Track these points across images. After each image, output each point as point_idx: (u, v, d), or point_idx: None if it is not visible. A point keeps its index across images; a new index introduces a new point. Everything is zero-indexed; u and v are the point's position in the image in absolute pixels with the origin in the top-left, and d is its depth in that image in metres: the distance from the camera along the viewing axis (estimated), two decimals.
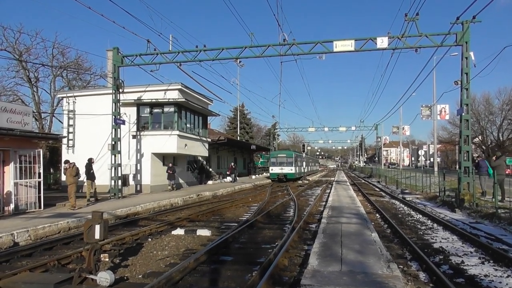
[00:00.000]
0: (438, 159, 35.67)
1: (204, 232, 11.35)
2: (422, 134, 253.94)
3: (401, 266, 7.67)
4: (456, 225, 12.79)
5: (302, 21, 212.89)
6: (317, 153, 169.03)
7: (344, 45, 18.32)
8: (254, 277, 6.73)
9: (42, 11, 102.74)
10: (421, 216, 15.47)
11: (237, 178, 41.57)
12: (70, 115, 26.57)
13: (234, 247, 9.72)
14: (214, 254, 8.76)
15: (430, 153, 74.50)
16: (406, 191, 27.83)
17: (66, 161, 17.49)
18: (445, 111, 33.57)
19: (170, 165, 26.33)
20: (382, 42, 17.88)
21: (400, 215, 15.80)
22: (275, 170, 41.95)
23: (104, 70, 37.90)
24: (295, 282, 6.68)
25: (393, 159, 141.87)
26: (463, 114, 17.05)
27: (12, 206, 14.66)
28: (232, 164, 41.98)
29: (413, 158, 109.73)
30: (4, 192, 14.29)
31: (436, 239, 10.74)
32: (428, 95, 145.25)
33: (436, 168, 35.91)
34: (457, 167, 32.30)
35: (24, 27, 72.02)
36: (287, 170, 41.39)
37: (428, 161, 71.01)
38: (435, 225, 13.23)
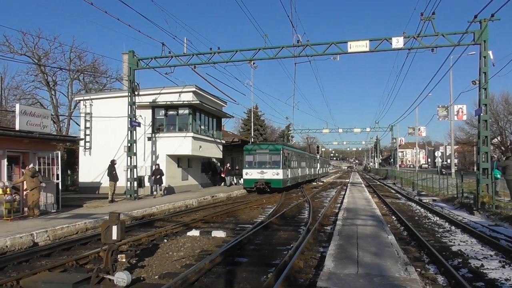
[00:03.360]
0: (456, 161, 35.08)
1: (219, 234, 11.39)
2: (438, 135, 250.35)
3: (419, 269, 7.56)
4: (475, 227, 12.55)
5: (316, 22, 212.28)
6: (331, 154, 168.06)
7: (358, 46, 18.18)
8: (270, 279, 6.71)
9: (60, 16, 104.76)
10: (438, 218, 15.23)
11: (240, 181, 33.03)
12: (87, 118, 26.98)
13: (249, 249, 9.72)
14: (229, 255, 8.78)
15: (447, 154, 73.42)
16: (423, 193, 27.43)
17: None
18: (462, 112, 32.96)
19: (157, 166, 23.09)
20: (398, 42, 17.69)
21: (416, 217, 15.58)
22: (251, 174, 26.92)
23: (120, 73, 38.37)
24: (311, 284, 6.64)
25: (409, 161, 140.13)
26: (481, 114, 16.74)
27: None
28: (228, 165, 33.83)
29: (429, 160, 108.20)
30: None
31: (454, 242, 10.56)
32: (444, 95, 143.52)
33: (453, 170, 35.32)
34: (475, 168, 31.75)
35: (43, 32, 73.48)
36: (271, 174, 26.37)
37: (445, 163, 69.92)
38: (453, 227, 13.00)
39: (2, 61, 53.76)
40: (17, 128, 14.54)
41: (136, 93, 21.59)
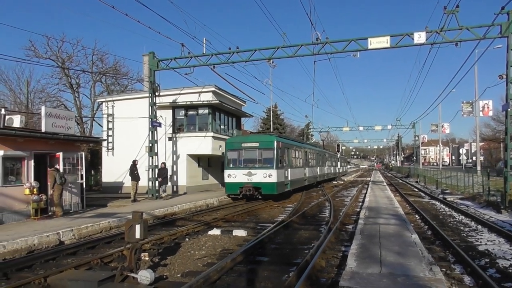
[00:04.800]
0: (481, 158, 34.16)
1: (240, 233, 11.43)
2: (463, 132, 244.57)
3: (444, 269, 7.40)
4: (503, 226, 12.20)
5: (335, 19, 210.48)
6: (352, 153, 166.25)
7: (379, 42, 17.91)
8: (291, 278, 6.69)
9: (83, 20, 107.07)
10: (463, 217, 14.88)
11: None
12: (109, 119, 27.50)
13: (270, 248, 9.71)
14: (250, 254, 8.79)
15: (472, 151, 71.62)
16: (447, 191, 26.86)
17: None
18: (488, 107, 32.10)
19: (163, 165, 21.82)
20: (420, 37, 17.32)
21: (441, 216, 15.26)
22: (235, 176, 20.30)
23: (140, 74, 39.00)
24: (333, 283, 6.59)
25: (432, 158, 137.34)
26: (508, 109, 16.24)
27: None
28: None
29: (453, 157, 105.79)
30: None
31: (481, 242, 10.29)
32: (469, 91, 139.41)
33: (479, 167, 34.43)
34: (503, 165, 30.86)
35: (66, 36, 75.27)
36: (261, 176, 19.70)
37: (470, 160, 68.21)
38: (479, 226, 12.67)
39: (28, 65, 55.32)
40: (43, 130, 14.93)
41: (156, 93, 21.85)
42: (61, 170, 15.17)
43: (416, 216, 15.30)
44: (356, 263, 6.85)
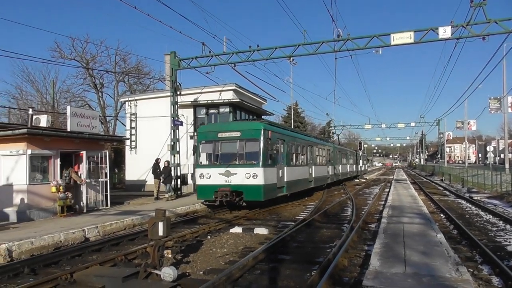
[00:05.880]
0: (510, 155, 33.10)
1: (261, 231, 11.41)
2: (490, 129, 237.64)
3: (471, 270, 7.21)
4: None
5: (357, 15, 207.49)
6: (374, 150, 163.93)
7: (402, 38, 17.56)
8: (314, 277, 6.65)
9: (106, 21, 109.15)
10: (491, 216, 14.45)
11: None
12: (132, 118, 27.97)
13: (292, 246, 9.68)
14: (272, 252, 8.77)
15: (500, 148, 69.55)
16: (473, 190, 26.17)
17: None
18: None
19: (166, 164, 20.10)
20: (445, 32, 16.89)
21: (467, 216, 14.88)
22: (209, 176, 15.60)
23: (162, 74, 39.50)
24: (357, 283, 6.50)
25: (457, 156, 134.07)
26: None
27: (82, 204, 15.66)
28: None
29: (480, 155, 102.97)
30: (77, 191, 15.34)
31: (510, 241, 9.99)
32: (497, 87, 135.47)
33: (507, 165, 33.40)
34: None
35: (90, 37, 77.11)
36: (243, 176, 15.00)
37: (498, 158, 66.25)
38: (508, 226, 12.29)
39: (54, 66, 56.80)
40: (68, 129, 15.30)
41: (178, 93, 22.06)
42: (85, 168, 15.54)
43: (441, 215, 14.96)
44: (380, 262, 6.74)
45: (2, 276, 7.36)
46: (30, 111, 16.37)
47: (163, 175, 19.99)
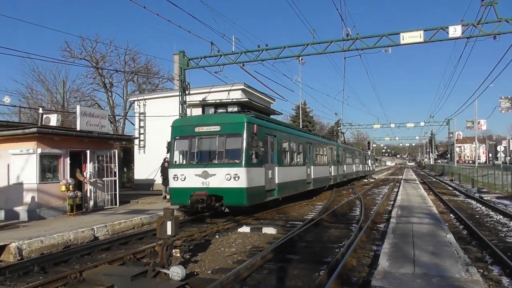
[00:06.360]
0: None
1: (269, 230, 11.40)
2: (501, 129, 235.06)
3: (481, 270, 7.13)
4: None
5: (366, 14, 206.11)
6: (383, 150, 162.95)
7: (412, 37, 17.40)
8: (322, 277, 6.62)
9: (115, 21, 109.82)
10: (502, 216, 14.28)
11: None
12: (141, 117, 28.13)
13: (300, 246, 9.65)
14: (280, 252, 8.76)
15: (511, 148, 68.73)
16: (483, 190, 25.89)
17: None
18: None
19: (167, 165, 17.03)
20: (455, 31, 16.71)
21: (477, 216, 14.72)
22: (183, 178, 13.57)
23: (171, 73, 39.63)
24: (365, 283, 6.47)
25: (467, 156, 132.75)
26: None
27: (91, 203, 15.81)
28: None
29: (490, 155, 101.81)
30: (85, 190, 15.47)
31: None
32: (508, 86, 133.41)
33: None
34: None
35: (100, 37, 77.52)
36: (223, 178, 12.92)
37: (508, 157, 65.47)
38: None
39: (64, 66, 57.34)
40: (78, 128, 15.45)
41: (186, 92, 22.11)
42: (88, 167, 15.67)
43: (451, 215, 14.82)
44: (389, 262, 6.69)
45: (12, 275, 7.45)
46: (40, 110, 16.54)
47: (162, 175, 18.93)
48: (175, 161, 14.26)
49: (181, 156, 14.39)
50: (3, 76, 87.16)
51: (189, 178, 13.34)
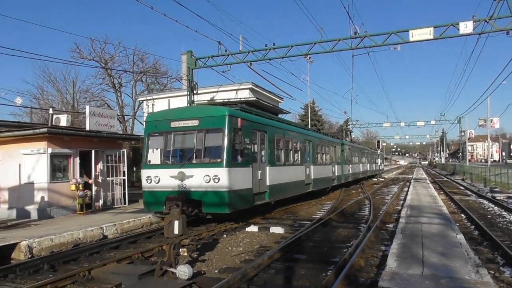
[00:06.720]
0: None
1: (277, 230, 11.37)
2: None
3: (492, 272, 7.01)
4: None
5: (374, 11, 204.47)
6: (393, 149, 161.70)
7: (421, 34, 17.20)
8: (329, 277, 6.58)
9: (124, 22, 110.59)
10: None
11: None
12: None
13: (308, 246, 9.61)
14: (288, 251, 8.73)
15: None
16: (496, 189, 25.50)
17: None
18: None
19: None
20: (466, 27, 16.46)
21: (489, 216, 14.51)
22: (157, 179, 11.93)
23: (179, 73, 39.74)
24: (372, 283, 6.41)
25: (480, 155, 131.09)
26: None
27: (101, 202, 15.93)
28: None
29: (503, 153, 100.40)
30: (94, 189, 15.59)
31: None
32: None
33: None
34: None
35: (109, 38, 78.24)
36: (201, 179, 11.27)
37: None
38: None
39: (74, 66, 57.91)
40: (87, 128, 15.58)
41: (194, 92, 22.17)
42: (101, 166, 15.79)
43: (462, 215, 14.64)
44: (397, 263, 6.62)
45: (22, 273, 7.54)
46: (51, 111, 16.75)
47: None
48: (149, 161, 12.48)
49: (155, 155, 12.60)
50: (15, 77, 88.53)
51: (164, 180, 11.77)
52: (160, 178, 11.81)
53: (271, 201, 14.17)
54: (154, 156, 12.52)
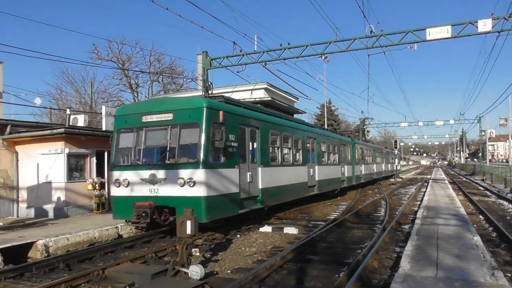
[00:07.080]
0: None
1: (291, 230, 11.33)
2: None
3: (509, 275, 6.83)
4: None
5: (390, 9, 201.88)
6: (411, 149, 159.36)
7: (439, 32, 16.91)
8: (342, 278, 6.53)
9: (141, 23, 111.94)
10: None
11: None
12: None
13: (321, 246, 9.55)
14: (301, 252, 8.70)
15: None
16: None
17: None
18: None
19: None
20: (485, 25, 16.11)
21: (508, 217, 14.17)
22: (126, 183, 10.36)
23: (195, 73, 40.08)
24: (385, 285, 6.33)
25: (501, 155, 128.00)
26: None
27: None
28: None
29: None
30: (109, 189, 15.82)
31: None
32: None
33: None
34: None
35: (126, 39, 79.40)
36: (174, 184, 9.74)
37: None
38: None
39: (92, 67, 58.95)
40: (103, 128, 15.83)
41: (210, 92, 22.28)
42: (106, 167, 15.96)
43: (480, 216, 14.33)
44: (410, 265, 6.51)
45: (38, 271, 7.68)
46: (68, 111, 17.06)
47: None
48: (117, 161, 10.99)
49: (124, 154, 11.06)
50: (36, 78, 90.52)
51: (133, 184, 10.33)
52: (130, 181, 10.37)
53: (264, 206, 12.67)
54: (123, 155, 11.07)
